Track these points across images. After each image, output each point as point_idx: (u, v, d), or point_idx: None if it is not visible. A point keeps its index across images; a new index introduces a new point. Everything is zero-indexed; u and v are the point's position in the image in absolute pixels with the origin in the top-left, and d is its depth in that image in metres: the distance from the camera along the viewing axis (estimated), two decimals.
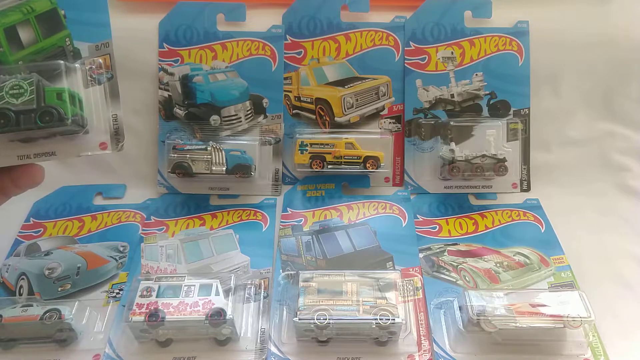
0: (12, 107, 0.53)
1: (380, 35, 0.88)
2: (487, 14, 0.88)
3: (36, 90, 0.54)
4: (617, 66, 0.91)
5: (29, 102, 0.53)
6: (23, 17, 0.57)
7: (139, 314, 0.61)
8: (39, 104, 0.54)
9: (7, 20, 0.56)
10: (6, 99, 0.53)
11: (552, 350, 0.64)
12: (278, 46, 0.87)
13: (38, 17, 0.57)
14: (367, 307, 0.62)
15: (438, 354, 0.64)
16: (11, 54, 0.56)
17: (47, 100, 0.54)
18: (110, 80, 0.59)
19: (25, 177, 0.58)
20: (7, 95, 0.53)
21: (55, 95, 0.54)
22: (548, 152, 0.93)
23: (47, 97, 0.54)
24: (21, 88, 0.54)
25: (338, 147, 0.86)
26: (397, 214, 0.83)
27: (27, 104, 0.53)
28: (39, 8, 0.58)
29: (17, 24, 0.57)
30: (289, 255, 0.76)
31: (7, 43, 0.56)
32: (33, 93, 0.54)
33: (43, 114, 0.54)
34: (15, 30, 0.57)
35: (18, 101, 0.53)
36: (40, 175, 0.59)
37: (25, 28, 0.57)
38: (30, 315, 0.63)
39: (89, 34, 0.59)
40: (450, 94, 0.88)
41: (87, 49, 0.59)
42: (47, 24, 0.58)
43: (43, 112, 0.54)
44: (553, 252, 0.77)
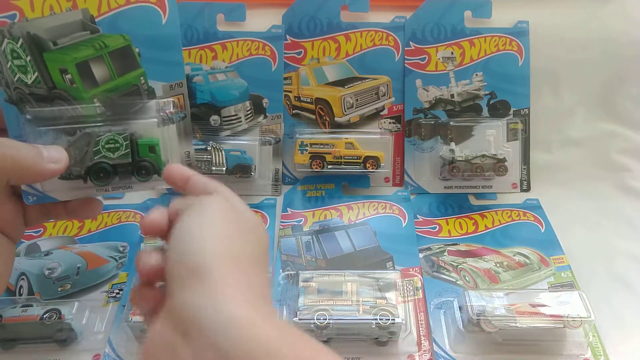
0: (110, 161, 0.55)
1: (380, 35, 0.88)
2: (487, 14, 0.87)
3: (130, 144, 0.55)
4: (617, 66, 0.91)
5: (124, 156, 0.55)
6: (96, 52, 0.56)
7: (139, 314, 0.61)
8: (133, 158, 0.55)
9: (79, 55, 0.55)
10: (103, 153, 0.54)
11: (552, 351, 0.64)
12: (278, 46, 0.87)
13: (112, 54, 0.56)
14: (367, 307, 0.62)
15: (438, 354, 0.64)
16: (85, 90, 0.55)
17: (140, 153, 0.56)
18: (183, 120, 0.60)
19: (85, 210, 0.59)
20: (103, 149, 0.55)
21: (148, 148, 0.56)
22: (548, 152, 0.93)
23: (140, 150, 0.56)
24: (117, 142, 0.55)
25: (338, 147, 0.86)
26: (397, 214, 0.83)
27: (122, 158, 0.55)
28: (112, 44, 0.56)
29: (90, 59, 0.55)
30: (289, 255, 0.76)
31: (80, 79, 0.55)
32: (128, 147, 0.55)
33: (140, 169, 0.56)
34: (89, 66, 0.55)
35: (114, 155, 0.55)
36: (99, 209, 0.60)
37: (99, 64, 0.56)
38: (30, 316, 0.63)
39: (163, 73, 0.58)
40: (450, 94, 0.88)
41: (162, 88, 0.58)
42: (121, 61, 0.57)
43: (139, 167, 0.56)
44: (553, 252, 0.77)
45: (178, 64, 0.59)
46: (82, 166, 0.54)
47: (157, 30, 0.57)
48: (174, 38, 0.58)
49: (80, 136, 0.54)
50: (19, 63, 0.54)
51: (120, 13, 0.56)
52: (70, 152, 0.53)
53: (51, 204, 0.58)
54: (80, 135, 0.54)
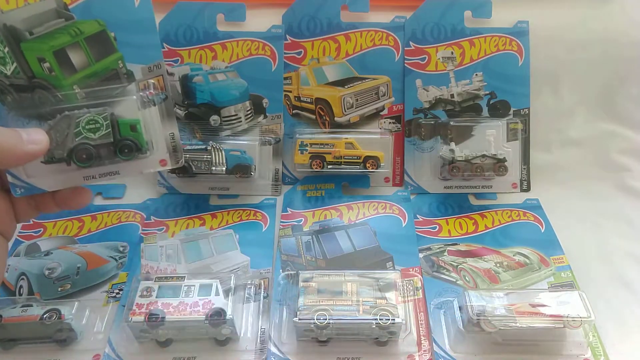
0: (92, 141, 0.55)
1: (380, 35, 0.88)
2: (487, 14, 0.87)
3: (111, 124, 0.55)
4: (617, 66, 0.91)
5: (105, 136, 0.55)
6: (72, 39, 0.56)
7: (139, 314, 0.61)
8: (115, 138, 0.56)
9: (56, 43, 0.56)
10: (84, 134, 0.55)
11: (552, 351, 0.64)
12: (278, 46, 0.87)
13: (88, 40, 0.57)
14: (367, 307, 0.62)
15: (438, 354, 0.64)
16: (64, 77, 0.56)
17: (122, 132, 0.56)
18: (165, 100, 0.60)
19: (74, 200, 0.59)
20: (84, 130, 0.55)
21: (130, 127, 0.56)
22: (548, 152, 0.93)
23: (121, 129, 0.56)
24: (97, 123, 0.55)
25: (338, 147, 0.86)
26: (397, 214, 0.83)
27: (104, 138, 0.55)
28: (87, 30, 0.57)
29: (67, 46, 0.56)
30: (289, 255, 0.76)
31: (59, 66, 0.56)
32: (109, 127, 0.55)
33: (122, 148, 0.56)
34: (66, 53, 0.56)
35: (96, 135, 0.55)
36: (88, 198, 0.60)
37: (76, 51, 0.57)
38: (30, 316, 0.63)
39: (140, 55, 0.59)
40: (450, 94, 0.88)
41: (140, 70, 0.59)
42: (98, 47, 0.57)
43: (121, 145, 0.56)
44: (553, 252, 0.77)
45: (155, 46, 0.59)
46: (64, 149, 0.55)
47: (131, 14, 0.58)
48: (148, 21, 0.58)
49: (60, 119, 0.55)
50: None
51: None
52: (51, 134, 0.53)
53: (40, 196, 0.58)
54: (60, 118, 0.55)
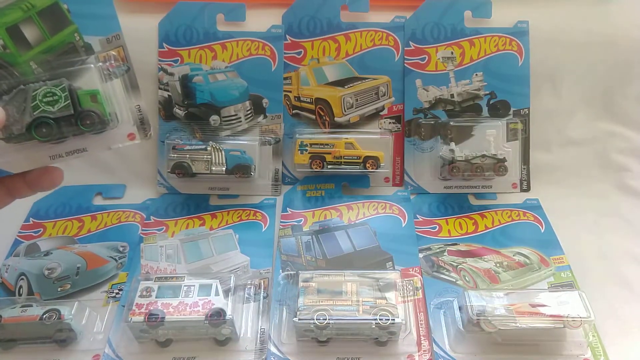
0: (50, 114, 0.53)
1: (380, 35, 0.88)
2: (487, 14, 0.87)
3: (70, 95, 0.53)
4: (617, 66, 0.91)
5: (65, 108, 0.53)
6: (24, 14, 0.55)
7: (139, 314, 0.61)
8: (75, 109, 0.53)
9: (7, 20, 0.54)
10: (42, 107, 0.53)
11: (552, 351, 0.64)
12: (278, 46, 0.87)
13: (40, 14, 0.55)
14: (367, 307, 0.62)
15: (438, 354, 0.64)
16: (20, 54, 0.55)
17: (82, 104, 0.54)
18: (128, 72, 0.58)
19: (45, 180, 0.58)
20: (42, 103, 0.53)
21: (90, 98, 0.54)
22: (548, 152, 0.93)
23: (81, 100, 0.54)
24: (54, 95, 0.53)
25: (338, 147, 0.86)
26: (397, 214, 0.83)
27: (63, 110, 0.53)
28: (39, 4, 0.55)
29: (20, 22, 0.55)
30: (289, 255, 0.76)
31: (13, 43, 0.55)
32: (68, 99, 0.53)
33: (83, 119, 0.54)
34: (19, 29, 0.55)
35: (54, 108, 0.53)
36: (60, 177, 0.58)
37: (29, 26, 0.55)
38: (29, 316, 0.63)
39: (97, 27, 0.57)
40: (450, 94, 0.88)
41: (99, 42, 0.58)
42: (52, 20, 0.56)
43: (83, 116, 0.53)
44: (553, 252, 0.77)
45: (111, 16, 0.58)
46: (22, 124, 0.53)
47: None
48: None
49: (15, 93, 0.53)
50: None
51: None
52: (7, 110, 0.52)
53: (10, 180, 0.57)
54: (15, 92, 0.53)
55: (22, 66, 0.55)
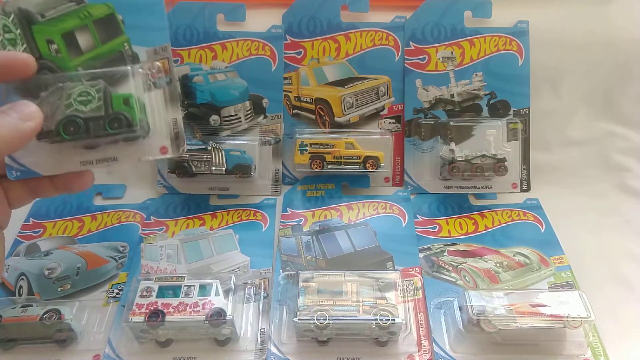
0: (81, 114, 0.53)
1: (380, 35, 0.88)
2: (487, 14, 0.87)
3: (104, 96, 0.53)
4: (617, 66, 0.91)
5: (97, 109, 0.53)
6: (81, 22, 0.57)
7: (139, 314, 0.61)
8: (107, 111, 0.53)
9: (65, 26, 0.56)
10: (74, 107, 0.53)
11: (552, 351, 0.64)
12: (278, 46, 0.87)
13: (96, 23, 0.57)
14: (367, 307, 0.62)
15: (438, 354, 0.64)
16: (70, 59, 0.56)
17: (114, 106, 0.54)
18: (169, 84, 0.58)
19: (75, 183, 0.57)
20: (75, 102, 0.53)
21: (122, 101, 0.54)
22: (548, 152, 0.93)
23: (114, 103, 0.54)
24: (89, 95, 0.53)
25: (338, 147, 0.86)
26: (397, 214, 0.83)
27: (95, 111, 0.53)
28: (96, 13, 0.57)
29: (76, 29, 0.57)
30: (289, 255, 0.76)
31: (66, 48, 0.56)
32: (101, 100, 0.53)
33: (112, 121, 0.53)
34: (74, 35, 0.57)
35: (86, 108, 0.53)
36: (91, 181, 0.58)
37: (84, 33, 0.57)
38: (30, 316, 0.63)
39: (146, 38, 0.58)
40: (450, 94, 0.88)
41: (145, 53, 0.58)
42: (106, 29, 0.58)
43: (112, 119, 0.53)
44: (553, 252, 0.77)
45: (161, 28, 0.58)
46: (52, 121, 0.53)
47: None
48: (156, 4, 0.58)
49: (52, 91, 0.53)
50: (9, 37, 0.55)
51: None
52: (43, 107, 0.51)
53: (36, 180, 0.56)
54: (52, 90, 0.53)
55: (70, 70, 0.56)
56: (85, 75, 0.54)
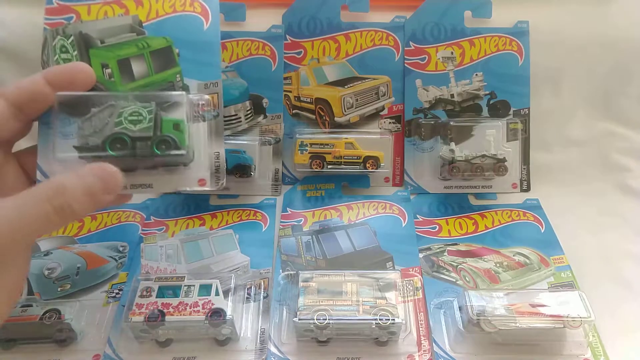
0: (130, 132, 0.53)
1: (380, 35, 0.88)
2: (487, 14, 0.87)
3: (154, 118, 0.54)
4: (617, 66, 0.91)
5: (146, 129, 0.54)
6: (138, 51, 0.59)
7: (139, 314, 0.61)
8: (155, 133, 0.54)
9: (122, 52, 0.59)
10: (124, 125, 0.53)
11: (552, 351, 0.64)
12: (278, 46, 0.87)
13: (152, 53, 0.60)
14: (367, 307, 0.62)
15: (438, 354, 0.64)
16: (121, 84, 0.58)
17: (163, 129, 0.54)
18: (216, 119, 0.59)
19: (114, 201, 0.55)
20: (125, 121, 0.53)
21: (173, 125, 0.55)
22: (548, 152, 0.93)
23: (164, 126, 0.55)
24: (140, 115, 0.54)
25: (338, 147, 0.86)
26: (397, 214, 0.83)
27: (144, 131, 0.53)
28: (154, 45, 0.60)
29: (132, 57, 0.59)
30: (289, 255, 0.76)
31: (120, 74, 0.58)
32: (151, 121, 0.54)
33: (160, 143, 0.54)
34: (129, 62, 0.59)
35: (136, 128, 0.54)
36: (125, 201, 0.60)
37: (139, 61, 0.59)
38: (29, 315, 0.63)
39: (199, 72, 0.60)
40: (450, 94, 0.88)
41: (197, 86, 0.60)
42: (161, 60, 0.60)
43: (160, 140, 0.54)
44: (553, 252, 0.77)
45: (215, 65, 0.61)
46: (100, 136, 0.53)
47: (199, 36, 0.61)
48: (214, 44, 0.61)
49: (104, 107, 0.54)
50: (65, 57, 0.58)
51: (166, 20, 0.61)
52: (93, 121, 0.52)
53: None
54: (105, 106, 0.54)
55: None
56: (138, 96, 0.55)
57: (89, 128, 0.53)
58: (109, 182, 0.48)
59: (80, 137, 0.52)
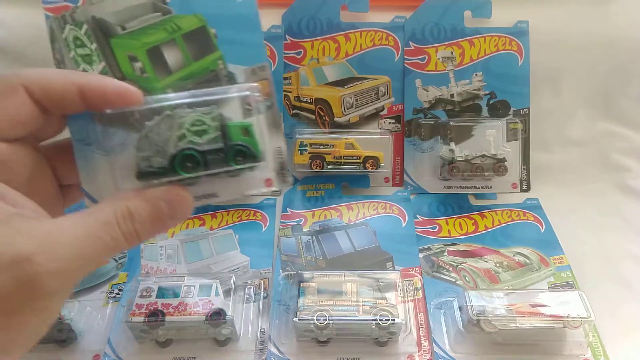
0: (198, 146, 0.44)
1: (380, 35, 0.88)
2: (487, 14, 0.87)
3: (221, 126, 0.45)
4: (617, 66, 0.91)
5: (214, 140, 0.45)
6: (168, 36, 0.49)
7: (139, 315, 0.61)
8: (225, 142, 0.45)
9: (149, 40, 0.48)
10: (189, 138, 0.44)
11: (552, 351, 0.64)
12: (278, 46, 0.87)
13: (185, 37, 0.49)
14: (367, 308, 0.62)
15: (438, 354, 0.64)
16: (158, 80, 0.48)
17: (232, 137, 0.46)
18: (270, 109, 0.50)
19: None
20: (189, 132, 0.44)
21: (241, 130, 0.46)
22: (548, 152, 0.93)
23: (232, 133, 0.46)
24: (204, 124, 0.45)
25: (338, 147, 0.86)
26: (397, 214, 0.83)
27: (212, 143, 0.45)
28: (185, 26, 0.49)
29: (162, 44, 0.48)
30: (289, 256, 0.76)
31: (152, 67, 0.48)
32: (218, 129, 0.45)
33: (235, 154, 0.45)
34: (160, 51, 0.48)
35: (203, 139, 0.44)
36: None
37: (172, 49, 0.49)
38: None
39: (242, 55, 0.50)
40: (450, 94, 0.88)
41: (243, 72, 0.50)
42: (196, 45, 0.49)
43: (234, 151, 0.45)
44: (553, 252, 0.77)
45: (258, 45, 0.51)
46: (164, 155, 0.44)
47: (233, 9, 0.50)
48: (252, 17, 0.51)
49: (160, 120, 0.44)
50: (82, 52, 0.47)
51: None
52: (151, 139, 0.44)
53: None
54: (160, 118, 0.44)
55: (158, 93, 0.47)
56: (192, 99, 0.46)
57: (148, 148, 0.43)
58: (179, 208, 0.43)
59: (141, 161, 0.43)
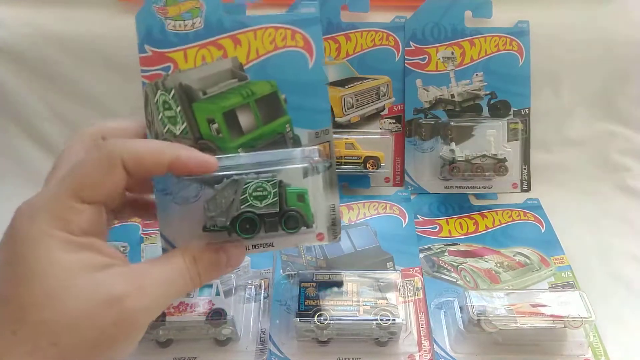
0: (257, 210, 0.49)
1: (380, 35, 0.88)
2: (488, 14, 0.87)
3: (279, 192, 0.49)
4: (618, 66, 0.91)
5: (272, 205, 0.49)
6: (243, 100, 0.53)
7: None
8: (281, 207, 0.50)
9: (226, 104, 0.53)
10: (250, 202, 0.49)
11: (552, 351, 0.63)
12: None
13: (258, 102, 0.53)
14: (367, 308, 0.62)
15: (438, 354, 0.64)
16: (231, 140, 0.52)
17: (288, 202, 0.50)
18: (329, 169, 0.54)
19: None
20: (250, 197, 0.49)
21: (297, 197, 0.50)
22: (548, 152, 0.93)
23: (288, 199, 0.50)
24: (265, 190, 0.49)
25: (338, 147, 0.86)
26: (397, 214, 0.83)
27: (269, 208, 0.49)
28: (259, 91, 0.53)
29: (237, 108, 0.53)
30: (289, 255, 0.76)
31: (227, 128, 0.52)
32: (276, 196, 0.49)
33: (288, 220, 0.50)
34: (235, 114, 0.53)
35: (262, 204, 0.49)
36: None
37: (245, 112, 0.53)
38: None
39: (309, 120, 0.54)
40: (450, 94, 0.88)
41: (307, 135, 0.54)
42: (268, 109, 0.53)
43: (287, 217, 0.50)
44: (553, 252, 0.77)
45: (324, 110, 0.55)
46: (227, 216, 0.49)
47: (304, 76, 0.54)
48: (321, 84, 0.55)
49: (228, 183, 0.49)
50: (169, 114, 0.52)
51: (268, 59, 0.54)
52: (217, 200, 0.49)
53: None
54: (228, 182, 0.49)
55: (230, 152, 0.52)
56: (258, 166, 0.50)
57: (214, 208, 0.49)
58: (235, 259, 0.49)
59: (207, 219, 0.49)
